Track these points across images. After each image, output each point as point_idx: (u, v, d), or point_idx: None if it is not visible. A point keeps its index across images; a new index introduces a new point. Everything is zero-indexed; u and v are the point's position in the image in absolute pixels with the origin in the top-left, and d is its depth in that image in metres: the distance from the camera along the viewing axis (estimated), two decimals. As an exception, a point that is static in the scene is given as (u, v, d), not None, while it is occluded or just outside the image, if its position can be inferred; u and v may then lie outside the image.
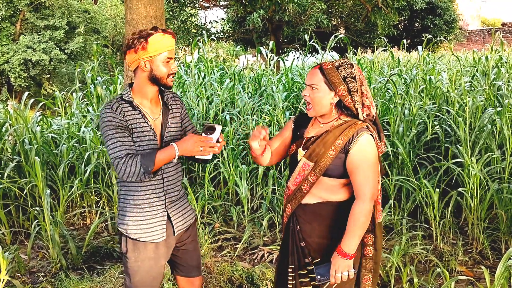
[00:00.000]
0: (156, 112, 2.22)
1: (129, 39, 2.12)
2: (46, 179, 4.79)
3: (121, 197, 2.23)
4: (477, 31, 27.27)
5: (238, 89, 6.19)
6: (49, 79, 20.12)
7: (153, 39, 2.09)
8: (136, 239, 2.18)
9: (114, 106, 2.10)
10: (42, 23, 19.31)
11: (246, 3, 8.58)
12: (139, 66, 2.14)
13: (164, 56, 2.13)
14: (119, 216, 2.24)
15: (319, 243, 2.12)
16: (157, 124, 2.21)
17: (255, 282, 3.39)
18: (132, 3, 3.04)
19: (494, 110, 4.43)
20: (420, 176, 4.07)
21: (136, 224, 2.18)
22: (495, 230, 3.93)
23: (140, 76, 2.16)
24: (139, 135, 2.13)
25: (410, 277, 3.30)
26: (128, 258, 2.21)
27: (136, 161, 2.03)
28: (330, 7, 16.09)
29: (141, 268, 2.20)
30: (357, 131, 2.00)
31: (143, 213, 2.18)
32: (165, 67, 2.14)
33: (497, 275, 2.77)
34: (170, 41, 2.14)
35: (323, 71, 2.05)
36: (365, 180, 1.99)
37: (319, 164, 2.04)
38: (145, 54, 2.09)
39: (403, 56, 10.31)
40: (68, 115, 5.98)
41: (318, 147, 2.06)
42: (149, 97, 2.19)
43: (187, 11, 15.64)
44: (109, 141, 2.07)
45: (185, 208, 2.35)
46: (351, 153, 1.99)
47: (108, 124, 2.07)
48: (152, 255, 2.20)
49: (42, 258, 3.98)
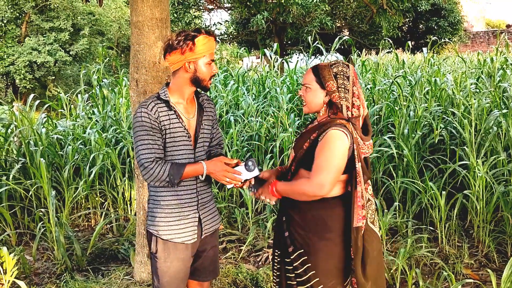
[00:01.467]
0: (191, 112, 2.24)
1: (173, 40, 2.10)
2: (51, 181, 4.80)
3: (151, 198, 2.25)
4: (482, 33, 27.18)
5: (242, 91, 6.20)
6: (54, 81, 20.19)
7: (199, 42, 2.10)
8: (167, 240, 2.20)
9: (149, 106, 2.11)
10: (47, 25, 19.39)
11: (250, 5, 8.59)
12: (183, 67, 2.14)
13: (207, 58, 2.15)
14: (149, 218, 2.25)
15: (301, 235, 2.13)
16: (191, 124, 2.23)
17: (259, 284, 3.38)
18: (138, 6, 3.04)
19: (500, 112, 4.41)
20: (426, 178, 4.05)
21: (168, 225, 2.20)
22: (501, 233, 3.91)
23: (181, 76, 2.16)
24: (172, 135, 2.15)
25: (416, 280, 3.29)
26: (157, 258, 2.22)
27: (164, 169, 2.06)
28: (334, 9, 16.08)
29: (170, 269, 2.22)
30: (331, 126, 2.05)
31: (174, 214, 2.20)
32: (208, 69, 2.16)
33: (503, 278, 2.76)
34: (213, 44, 2.17)
35: (316, 71, 2.14)
36: (320, 167, 2.01)
37: (298, 156, 2.14)
38: (191, 55, 2.10)
39: (407, 58, 10.29)
40: (73, 117, 5.99)
41: (301, 139, 2.18)
42: (185, 97, 2.21)
43: (191, 13, 15.67)
44: (139, 141, 2.09)
45: (214, 211, 2.37)
46: (319, 143, 2.05)
47: (141, 124, 2.09)
48: (182, 256, 2.22)
49: (47, 259, 3.99)
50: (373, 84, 6.04)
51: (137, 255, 3.43)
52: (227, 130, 5.38)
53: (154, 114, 2.10)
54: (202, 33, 2.12)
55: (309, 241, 2.11)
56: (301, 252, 2.12)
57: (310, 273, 2.10)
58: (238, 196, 4.82)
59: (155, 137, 2.10)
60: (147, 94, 3.11)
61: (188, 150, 2.19)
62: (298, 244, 2.14)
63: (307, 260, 2.10)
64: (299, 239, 2.13)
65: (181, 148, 2.17)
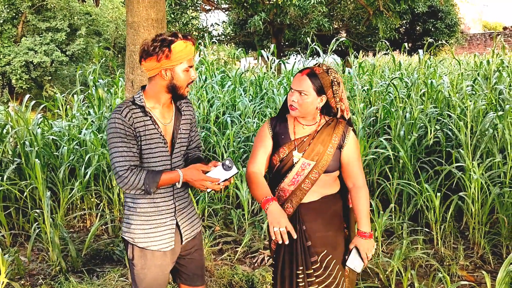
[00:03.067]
0: (168, 117, 2.16)
1: (149, 45, 2.01)
2: (47, 181, 4.79)
3: (127, 205, 2.18)
4: (479, 35, 27.27)
5: (239, 92, 6.19)
6: (50, 81, 20.13)
7: (176, 48, 2.00)
8: (144, 248, 2.14)
9: (124, 112, 2.03)
10: (44, 25, 19.33)
11: (248, 6, 8.59)
12: (159, 74, 2.05)
13: (185, 64, 2.06)
14: (125, 225, 2.18)
15: (322, 237, 2.24)
16: (168, 129, 2.15)
17: (255, 285, 3.37)
18: (134, 6, 3.03)
19: (496, 114, 4.42)
20: (421, 180, 4.05)
21: (144, 233, 2.13)
22: (496, 235, 3.91)
23: (157, 83, 2.08)
24: (148, 142, 2.08)
25: (411, 282, 3.29)
26: (134, 265, 2.17)
27: (140, 177, 2.00)
28: (331, 10, 16.10)
29: (147, 276, 2.16)
30: (345, 127, 2.23)
31: (151, 221, 2.14)
32: (185, 76, 2.07)
33: (498, 280, 2.76)
34: (191, 49, 2.06)
35: (311, 78, 2.16)
36: (360, 169, 2.26)
37: (321, 162, 2.18)
38: (168, 63, 2.01)
39: (404, 60, 10.32)
40: (69, 117, 5.97)
41: (316, 146, 2.20)
42: (162, 102, 2.12)
43: (188, 13, 15.65)
44: (114, 148, 2.02)
45: (193, 216, 2.30)
46: (347, 148, 2.22)
47: (114, 131, 2.02)
48: (159, 263, 2.16)
49: (42, 260, 3.97)
50: (370, 86, 6.04)
51: (132, 256, 3.41)
52: (224, 131, 5.37)
53: (129, 120, 2.02)
54: (179, 38, 2.01)
55: (330, 239, 2.26)
56: (324, 253, 2.24)
57: (335, 269, 2.25)
58: (234, 197, 4.82)
59: (130, 144, 2.03)
60: (142, 95, 3.10)
61: (164, 157, 2.12)
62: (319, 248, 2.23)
63: (331, 259, 2.25)
64: (319, 242, 2.23)
65: (157, 154, 2.10)
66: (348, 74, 6.20)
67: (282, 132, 2.27)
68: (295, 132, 2.25)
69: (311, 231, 2.22)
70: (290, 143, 2.23)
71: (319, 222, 2.22)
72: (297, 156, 2.20)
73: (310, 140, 2.21)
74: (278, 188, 2.25)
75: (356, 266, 2.22)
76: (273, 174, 2.30)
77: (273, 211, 2.08)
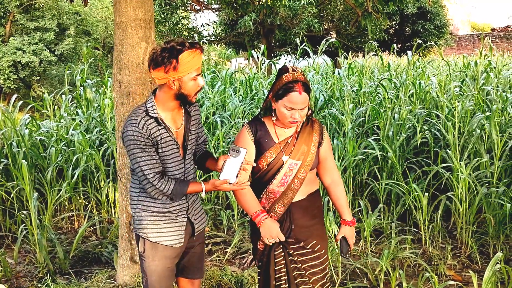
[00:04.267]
0: (179, 121, 2.25)
1: (157, 55, 2.04)
2: (34, 182, 4.74)
3: (140, 203, 2.25)
4: (467, 36, 27.53)
5: (229, 92, 6.18)
6: (39, 81, 19.94)
7: (183, 59, 2.03)
8: (156, 242, 2.24)
9: (140, 125, 2.09)
10: (32, 24, 19.13)
11: (238, 7, 8.55)
12: (167, 84, 2.10)
13: (193, 74, 2.10)
14: (136, 221, 2.27)
15: (309, 230, 2.36)
16: (179, 133, 2.25)
17: (244, 286, 3.37)
18: (121, 6, 3.01)
19: (483, 115, 4.46)
20: (410, 180, 4.08)
21: (157, 228, 2.23)
22: (483, 234, 3.95)
23: (166, 92, 2.14)
24: (164, 149, 2.17)
25: (399, 281, 3.30)
26: (145, 257, 2.27)
27: (169, 186, 2.13)
28: (321, 11, 16.13)
29: (158, 268, 2.26)
30: (318, 125, 2.36)
31: (164, 218, 2.23)
32: (193, 85, 2.13)
33: (485, 279, 2.78)
34: (199, 58, 2.10)
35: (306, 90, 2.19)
36: (334, 163, 2.44)
37: (307, 161, 2.28)
38: (175, 74, 2.06)
39: (393, 61, 10.36)
40: (57, 118, 5.92)
41: (301, 146, 2.28)
42: (172, 108, 2.21)
43: (178, 13, 15.60)
44: (138, 158, 2.10)
45: (201, 211, 2.43)
46: (324, 144, 2.35)
47: (134, 143, 2.09)
48: (169, 254, 2.27)
49: (29, 262, 3.93)
50: (359, 87, 6.06)
51: (120, 258, 3.40)
52: (214, 131, 5.36)
53: (146, 132, 2.10)
54: (186, 47, 2.04)
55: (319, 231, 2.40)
56: (313, 243, 2.35)
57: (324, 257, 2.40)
58: (224, 198, 4.81)
59: (152, 153, 2.12)
60: (130, 95, 3.08)
61: (179, 161, 2.23)
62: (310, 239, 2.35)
63: (320, 248, 2.38)
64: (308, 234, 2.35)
65: (172, 160, 2.20)
66: (337, 74, 6.22)
67: (264, 136, 2.30)
68: (277, 134, 2.30)
69: (297, 228, 2.33)
70: (275, 146, 2.29)
71: (307, 218, 2.35)
72: (284, 158, 2.28)
73: (294, 141, 2.29)
74: (267, 190, 2.30)
75: (348, 253, 2.45)
76: (258, 178, 2.34)
77: (266, 226, 2.24)
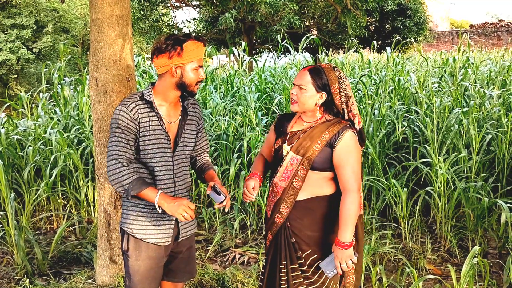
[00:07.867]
0: (174, 116, 2.23)
1: (162, 43, 2.10)
2: (12, 183, 4.65)
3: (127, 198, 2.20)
4: (446, 33, 27.90)
5: (210, 90, 6.15)
6: (16, 79, 19.58)
7: (187, 47, 2.10)
8: (141, 239, 2.19)
9: (130, 106, 2.11)
10: (9, 21, 18.74)
11: (217, 3, 8.54)
12: (169, 71, 2.13)
13: (195, 64, 2.14)
14: (123, 215, 2.23)
15: (310, 236, 2.23)
16: (172, 128, 2.22)
17: (225, 284, 3.35)
18: (97, 2, 2.96)
19: (461, 111, 4.52)
20: (389, 175, 4.11)
21: (143, 225, 2.19)
22: (462, 229, 4.00)
23: (167, 81, 2.15)
24: (152, 137, 2.14)
25: (380, 276, 3.33)
26: (129, 256, 2.22)
27: (129, 175, 2.05)
28: (302, 8, 16.16)
29: (141, 268, 2.21)
30: (342, 128, 2.15)
31: (152, 215, 2.19)
32: (195, 75, 2.15)
33: (463, 273, 2.82)
34: (202, 50, 2.16)
35: (312, 73, 2.17)
36: (352, 173, 2.13)
37: (306, 157, 2.16)
38: (179, 61, 2.10)
39: (374, 57, 10.45)
40: (34, 117, 5.81)
41: (304, 140, 2.18)
42: (169, 100, 2.20)
43: (158, 10, 15.46)
44: (114, 137, 2.10)
45: None
46: (338, 148, 2.13)
47: (116, 122, 2.10)
48: (153, 255, 2.21)
49: (7, 264, 3.85)
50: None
51: (99, 258, 3.35)
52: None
53: (133, 114, 2.10)
54: (191, 38, 2.12)
55: (319, 240, 2.23)
56: (309, 252, 2.23)
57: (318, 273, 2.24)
58: (205, 196, 4.78)
59: (129, 137, 2.10)
60: (107, 93, 3.03)
61: (166, 153, 2.19)
62: (305, 247, 2.23)
63: (316, 258, 2.23)
64: (305, 241, 2.23)
65: (159, 150, 2.16)
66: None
67: (285, 125, 2.33)
68: (293, 126, 2.29)
69: (295, 229, 2.23)
70: (284, 136, 2.28)
71: (306, 221, 2.22)
72: (286, 149, 2.23)
73: (301, 135, 2.22)
74: (272, 183, 2.29)
75: (329, 271, 2.17)
76: (272, 167, 2.36)
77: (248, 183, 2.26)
